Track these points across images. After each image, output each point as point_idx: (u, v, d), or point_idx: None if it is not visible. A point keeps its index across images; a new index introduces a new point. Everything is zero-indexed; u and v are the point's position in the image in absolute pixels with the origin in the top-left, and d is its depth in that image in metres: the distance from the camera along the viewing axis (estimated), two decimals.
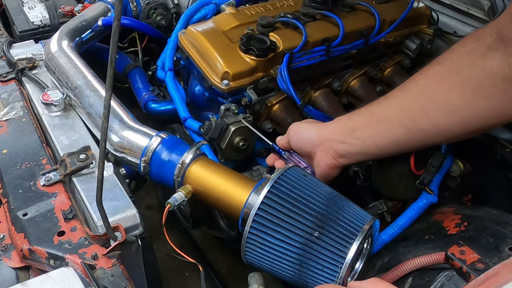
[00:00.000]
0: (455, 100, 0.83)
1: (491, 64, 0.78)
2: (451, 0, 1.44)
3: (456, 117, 0.83)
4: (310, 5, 1.25)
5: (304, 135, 1.01)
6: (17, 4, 1.68)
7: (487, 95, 0.79)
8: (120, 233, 0.84)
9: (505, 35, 0.76)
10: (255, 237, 0.84)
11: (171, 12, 1.54)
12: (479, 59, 0.80)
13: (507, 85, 0.76)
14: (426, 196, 1.04)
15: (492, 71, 0.77)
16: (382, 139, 0.91)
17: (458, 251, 0.80)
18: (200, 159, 0.98)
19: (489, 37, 0.79)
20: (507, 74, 0.76)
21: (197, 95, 1.27)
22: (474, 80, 0.80)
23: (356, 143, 0.93)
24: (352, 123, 0.95)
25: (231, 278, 1.63)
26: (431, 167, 1.04)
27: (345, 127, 0.95)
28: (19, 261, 0.84)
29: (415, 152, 0.99)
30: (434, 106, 0.85)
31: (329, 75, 1.30)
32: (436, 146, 1.02)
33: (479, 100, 0.80)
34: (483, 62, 0.79)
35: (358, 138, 0.93)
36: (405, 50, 1.39)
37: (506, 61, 0.76)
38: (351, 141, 0.93)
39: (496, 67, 0.77)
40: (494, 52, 0.77)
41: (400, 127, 0.89)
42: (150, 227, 0.98)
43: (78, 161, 0.99)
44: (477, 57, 0.80)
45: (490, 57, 0.78)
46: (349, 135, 0.94)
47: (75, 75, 1.17)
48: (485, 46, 0.79)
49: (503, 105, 0.79)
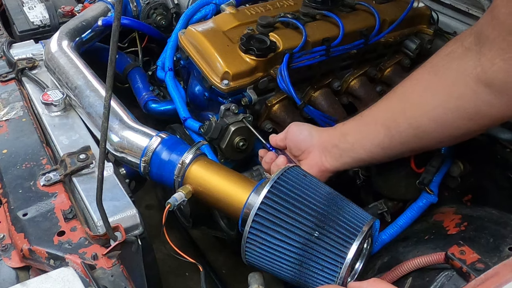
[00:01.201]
0: (429, 100, 0.83)
1: (465, 65, 0.77)
2: (451, 0, 1.44)
3: (430, 117, 0.83)
4: (310, 5, 1.25)
5: (303, 133, 1.01)
6: (17, 4, 1.68)
7: (459, 95, 0.78)
8: (120, 233, 0.84)
9: (482, 33, 0.74)
10: (255, 237, 0.84)
11: (171, 12, 1.54)
12: (456, 59, 0.80)
13: (478, 85, 0.75)
14: (426, 196, 1.04)
15: (466, 71, 0.77)
16: (368, 142, 0.92)
17: (458, 251, 0.80)
18: (200, 159, 0.98)
19: (468, 38, 0.78)
20: (479, 73, 0.75)
21: (197, 95, 1.27)
22: (448, 80, 0.80)
23: (346, 147, 0.94)
24: (345, 127, 0.97)
25: (231, 278, 1.63)
26: (431, 167, 1.04)
27: (339, 131, 0.97)
28: (19, 261, 0.84)
29: None
30: (412, 106, 0.86)
31: (329, 75, 1.30)
32: None
33: (451, 100, 0.80)
34: (459, 62, 0.79)
35: (348, 142, 0.94)
36: (405, 50, 1.39)
37: (479, 61, 0.75)
38: (343, 145, 0.94)
39: (470, 67, 0.76)
40: (470, 53, 0.77)
41: (382, 128, 0.89)
42: (150, 227, 0.98)
43: (78, 161, 0.99)
44: (454, 58, 0.80)
45: (466, 57, 0.77)
46: (342, 138, 0.95)
47: (75, 75, 1.18)
48: (463, 47, 0.79)
49: (475, 106, 0.77)
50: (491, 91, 0.74)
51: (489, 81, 0.74)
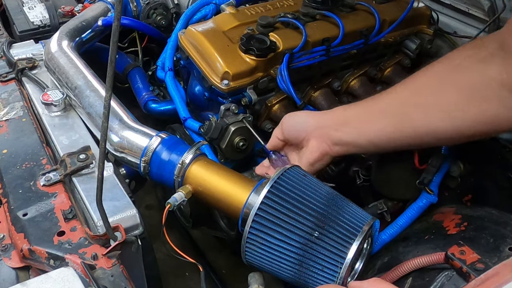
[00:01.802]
0: (449, 100, 0.83)
1: (490, 69, 0.78)
2: (451, 0, 1.44)
3: (447, 118, 0.83)
4: (310, 5, 1.25)
5: (299, 122, 1.00)
6: (17, 4, 1.68)
7: (482, 98, 0.79)
8: (120, 233, 0.84)
9: (507, 45, 0.76)
10: (255, 237, 0.84)
11: (171, 12, 1.54)
12: (479, 63, 0.80)
13: (502, 90, 0.77)
14: (426, 196, 1.04)
15: (491, 75, 0.78)
16: (373, 132, 0.92)
17: (458, 251, 0.80)
18: (200, 159, 0.98)
19: (491, 44, 0.80)
20: (504, 79, 0.76)
21: (197, 95, 1.27)
22: (471, 82, 0.81)
23: (349, 132, 0.94)
24: (348, 113, 0.96)
25: (231, 278, 1.63)
26: (431, 167, 1.04)
27: (341, 117, 0.96)
28: (19, 261, 0.84)
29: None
30: (428, 103, 0.86)
31: (329, 75, 1.30)
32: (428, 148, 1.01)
33: (473, 101, 0.80)
34: (483, 66, 0.79)
35: (351, 128, 0.94)
36: (405, 50, 1.39)
37: (505, 69, 0.76)
38: (345, 130, 0.94)
39: (495, 73, 0.77)
40: (495, 59, 0.78)
41: (392, 118, 0.89)
42: (150, 227, 0.98)
43: (78, 161, 0.99)
44: (478, 60, 0.81)
45: (490, 63, 0.78)
46: (344, 124, 0.95)
47: (75, 75, 1.17)
48: (487, 51, 0.80)
49: (496, 111, 0.79)
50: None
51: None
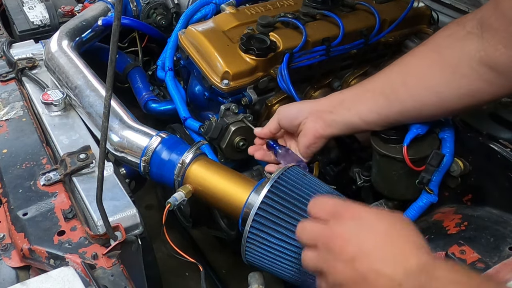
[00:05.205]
0: (433, 76, 0.89)
1: (469, 47, 0.84)
2: (451, 0, 1.44)
3: (432, 91, 0.89)
4: (310, 5, 1.25)
5: (294, 110, 1.03)
6: (17, 4, 1.68)
7: (463, 74, 0.85)
8: (120, 232, 0.84)
9: (485, 21, 0.82)
10: (255, 237, 0.84)
11: (171, 12, 1.53)
12: (458, 41, 0.86)
13: (481, 67, 0.83)
14: (426, 196, 1.04)
15: (470, 53, 0.84)
16: (364, 108, 0.96)
17: (458, 250, 0.80)
18: (200, 159, 0.98)
19: (470, 23, 0.85)
20: (482, 56, 0.82)
21: (197, 95, 1.27)
22: (452, 59, 0.87)
23: (342, 112, 0.97)
24: (342, 95, 1.01)
25: (231, 278, 1.63)
26: (430, 166, 1.04)
27: (336, 100, 1.00)
28: (19, 261, 0.84)
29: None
30: (414, 80, 0.92)
31: (329, 75, 1.30)
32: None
33: (454, 78, 0.86)
34: (462, 44, 0.86)
35: (344, 108, 0.98)
36: (405, 50, 1.39)
37: (482, 45, 0.82)
38: (339, 111, 0.98)
39: (473, 50, 0.83)
40: (473, 36, 0.84)
41: (381, 96, 0.94)
42: (150, 227, 0.98)
43: (78, 161, 0.99)
44: (457, 39, 0.87)
45: (468, 40, 0.84)
46: (338, 105, 0.99)
47: (75, 75, 1.18)
48: (465, 30, 0.86)
49: (477, 86, 0.85)
50: (492, 71, 0.82)
51: (492, 64, 0.82)
